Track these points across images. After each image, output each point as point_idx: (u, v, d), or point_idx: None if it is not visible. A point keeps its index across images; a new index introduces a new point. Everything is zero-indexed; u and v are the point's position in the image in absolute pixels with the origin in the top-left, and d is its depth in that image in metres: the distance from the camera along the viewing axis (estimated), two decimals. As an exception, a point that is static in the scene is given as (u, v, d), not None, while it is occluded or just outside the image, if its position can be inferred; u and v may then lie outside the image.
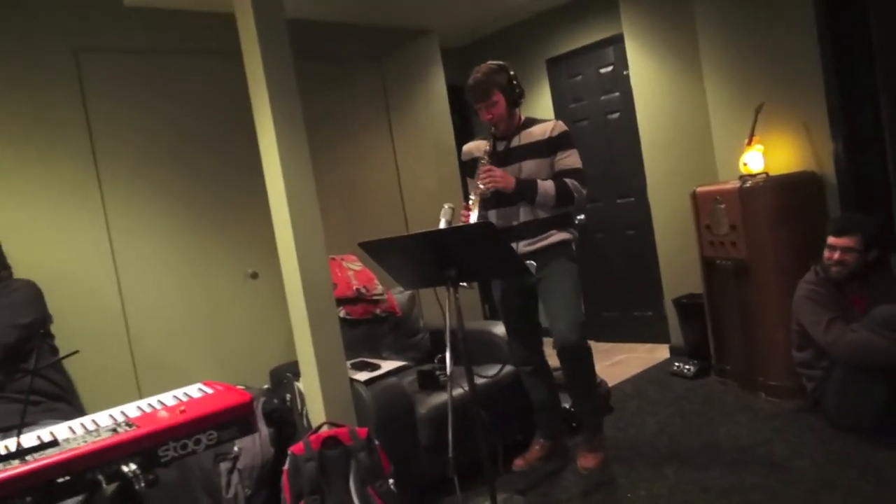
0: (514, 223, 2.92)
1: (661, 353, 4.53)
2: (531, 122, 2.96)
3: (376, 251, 2.46)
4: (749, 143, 3.47)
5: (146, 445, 1.48)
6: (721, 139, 3.86)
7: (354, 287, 3.53)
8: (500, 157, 2.92)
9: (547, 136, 2.87)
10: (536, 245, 2.89)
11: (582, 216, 4.81)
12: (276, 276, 3.04)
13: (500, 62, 2.90)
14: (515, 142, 2.93)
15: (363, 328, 3.53)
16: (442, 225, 2.53)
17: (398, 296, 3.75)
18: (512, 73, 2.89)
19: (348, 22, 4.27)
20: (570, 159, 2.88)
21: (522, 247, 2.89)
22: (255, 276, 3.67)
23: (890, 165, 3.26)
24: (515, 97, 2.89)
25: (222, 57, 3.38)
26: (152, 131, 3.43)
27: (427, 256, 2.30)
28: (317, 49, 4.03)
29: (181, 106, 3.53)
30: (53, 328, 2.72)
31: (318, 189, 2.93)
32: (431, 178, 4.65)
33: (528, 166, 2.88)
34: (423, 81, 4.70)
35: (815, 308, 2.95)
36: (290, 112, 2.84)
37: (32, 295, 2.62)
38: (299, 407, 3.01)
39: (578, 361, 2.85)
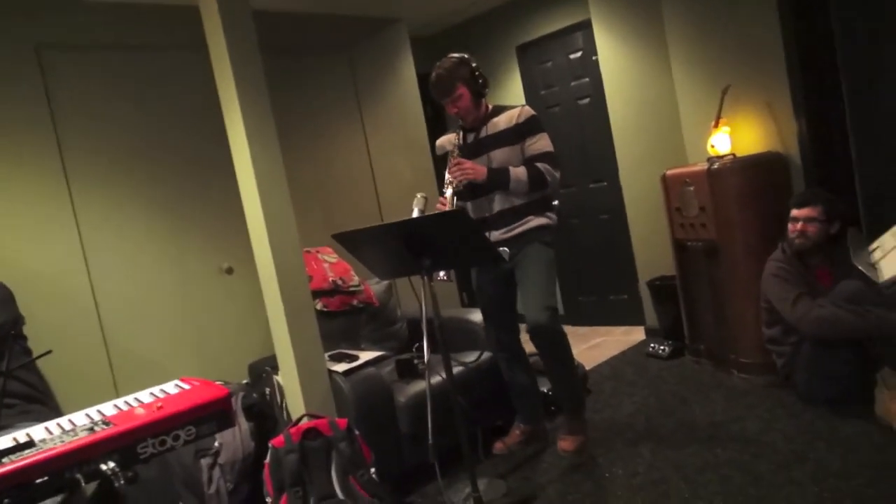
0: (489, 213, 2.93)
1: (637, 335, 4.60)
2: (498, 110, 2.97)
3: (350, 242, 2.47)
4: (716, 125, 3.52)
5: (124, 443, 1.47)
6: (689, 122, 3.90)
7: (330, 279, 3.53)
8: (471, 149, 2.93)
9: (514, 122, 2.88)
10: (513, 232, 2.91)
11: (556, 201, 4.85)
12: (251, 270, 3.04)
13: (462, 55, 2.89)
14: (484, 132, 2.94)
15: (341, 320, 3.53)
16: (415, 214, 2.54)
17: (375, 286, 3.76)
18: (474, 64, 2.88)
19: (315, 13, 4.24)
20: (540, 143, 2.89)
21: (499, 235, 2.91)
22: (230, 271, 3.65)
23: (852, 144, 3.34)
24: (479, 88, 2.89)
25: (191, 51, 3.33)
26: (121, 127, 3.38)
27: (401, 246, 2.31)
28: (284, 41, 4.00)
29: (150, 101, 3.49)
30: (26, 330, 2.69)
31: (291, 182, 2.93)
32: (405, 167, 4.65)
33: (498, 155, 2.89)
34: (393, 71, 4.68)
35: (783, 285, 3.02)
36: (258, 104, 2.83)
37: (3, 296, 2.59)
38: (279, 400, 3.02)
39: (551, 345, 2.86)
